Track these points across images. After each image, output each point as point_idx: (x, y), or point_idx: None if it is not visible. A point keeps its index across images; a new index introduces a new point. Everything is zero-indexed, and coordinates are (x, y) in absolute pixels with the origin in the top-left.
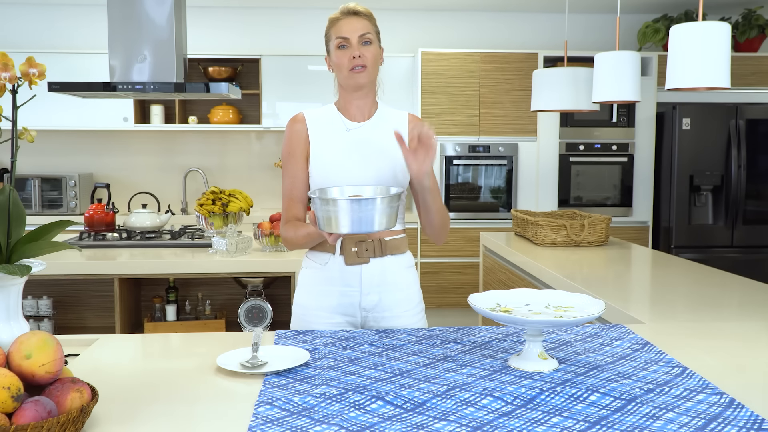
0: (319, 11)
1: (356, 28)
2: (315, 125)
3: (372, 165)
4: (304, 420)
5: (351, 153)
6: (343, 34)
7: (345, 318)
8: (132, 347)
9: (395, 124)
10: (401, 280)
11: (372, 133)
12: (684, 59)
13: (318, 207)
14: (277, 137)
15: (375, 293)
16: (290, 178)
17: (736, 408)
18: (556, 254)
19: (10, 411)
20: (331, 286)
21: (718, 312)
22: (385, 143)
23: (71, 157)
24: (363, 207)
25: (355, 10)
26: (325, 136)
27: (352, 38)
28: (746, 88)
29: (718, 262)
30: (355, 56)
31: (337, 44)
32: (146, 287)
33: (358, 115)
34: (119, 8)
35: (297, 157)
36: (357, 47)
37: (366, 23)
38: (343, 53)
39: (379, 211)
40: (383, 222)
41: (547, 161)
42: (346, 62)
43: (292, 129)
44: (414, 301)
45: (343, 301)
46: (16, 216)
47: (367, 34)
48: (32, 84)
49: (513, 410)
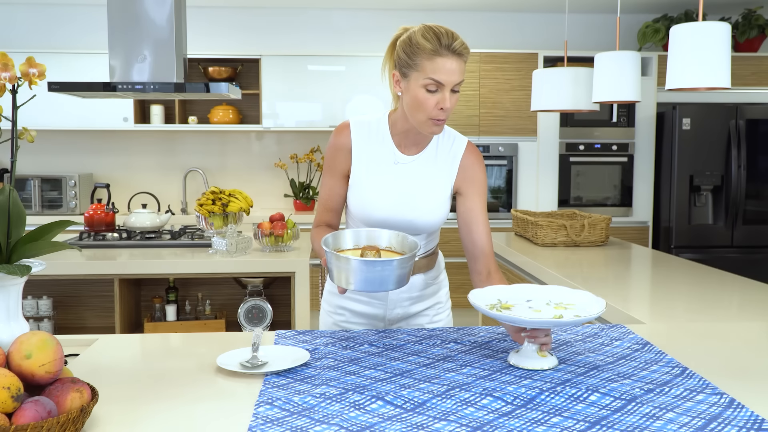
0: (319, 11)
1: (455, 72)
2: (361, 144)
3: (412, 203)
4: (304, 420)
5: (393, 191)
6: (439, 77)
7: (371, 321)
8: (132, 347)
9: (447, 156)
10: (428, 292)
11: (421, 169)
12: (684, 59)
13: (330, 260)
14: (276, 137)
15: (400, 308)
16: (328, 189)
17: (736, 408)
18: (556, 254)
19: (10, 411)
20: (358, 297)
21: (718, 312)
22: (431, 183)
23: (71, 157)
24: (375, 268)
25: (460, 51)
26: (369, 164)
27: (447, 85)
28: (746, 88)
29: (718, 262)
30: (445, 107)
31: (426, 84)
32: (146, 287)
33: (412, 146)
34: (119, 8)
35: (336, 172)
36: (449, 98)
37: (463, 68)
38: (430, 96)
39: (394, 272)
40: (395, 282)
41: (547, 161)
42: (431, 108)
43: (336, 141)
44: (441, 305)
45: (369, 310)
46: (16, 216)
47: (462, 82)
48: (32, 84)
49: (513, 410)
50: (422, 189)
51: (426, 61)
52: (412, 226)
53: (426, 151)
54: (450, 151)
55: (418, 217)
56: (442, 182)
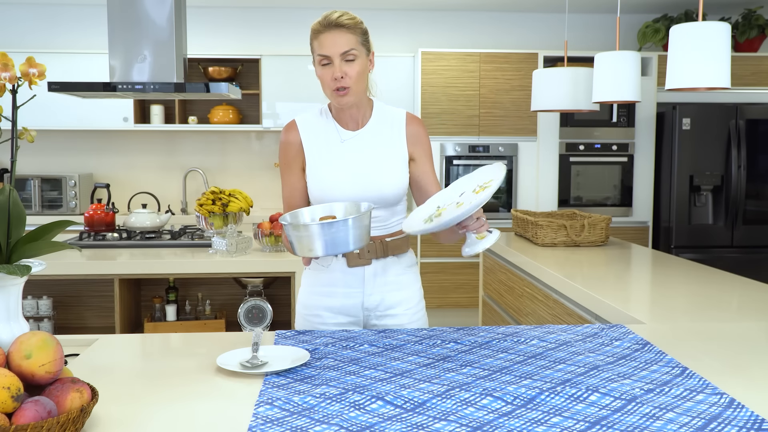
0: (319, 11)
1: (338, 44)
2: (309, 135)
3: (368, 176)
4: (304, 420)
5: (347, 165)
6: (324, 51)
7: (348, 318)
8: (132, 347)
9: (392, 126)
10: (403, 279)
11: (368, 141)
12: (684, 59)
13: (291, 233)
14: (276, 137)
15: (377, 293)
16: (288, 187)
17: (736, 408)
18: (556, 254)
19: (10, 411)
20: (334, 287)
21: (718, 312)
22: (382, 151)
23: (71, 157)
24: (334, 229)
25: (338, 23)
26: (320, 149)
27: (333, 56)
28: (746, 88)
29: (718, 262)
30: (336, 77)
31: (318, 60)
32: (146, 287)
33: (352, 121)
34: (119, 8)
35: (293, 167)
36: (339, 67)
37: (349, 37)
38: (325, 71)
39: (351, 231)
40: (357, 241)
41: (547, 161)
42: (329, 81)
43: (287, 139)
44: (415, 300)
45: (347, 302)
46: (16, 216)
47: (351, 50)
48: (32, 84)
49: (513, 410)
50: (374, 159)
51: (315, 42)
52: (374, 198)
53: (368, 125)
54: (392, 122)
55: (377, 188)
56: (392, 151)
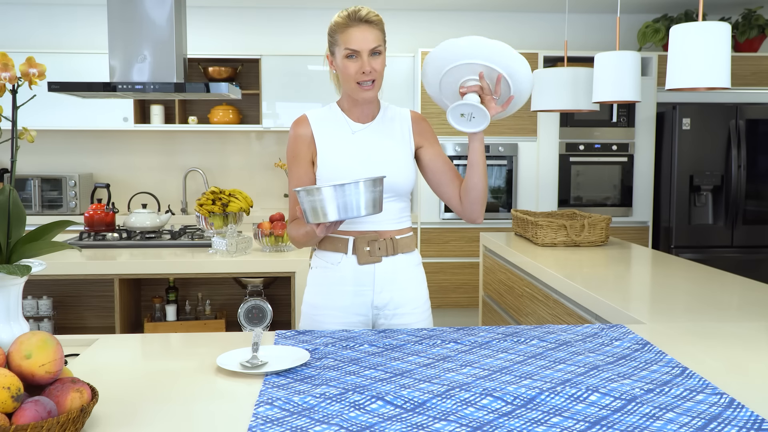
0: (319, 11)
1: (368, 39)
2: (320, 128)
3: (379, 165)
4: (304, 420)
5: (358, 155)
6: (353, 45)
7: (357, 317)
8: (132, 347)
9: (398, 121)
10: (411, 278)
11: (377, 133)
12: (684, 59)
13: (304, 199)
14: (276, 137)
15: (387, 291)
16: (296, 180)
17: (736, 408)
18: (556, 254)
19: (10, 411)
20: (344, 285)
21: (718, 312)
22: (391, 144)
23: (71, 157)
24: (346, 192)
25: (368, 19)
26: (332, 140)
27: (362, 51)
28: (746, 88)
29: (718, 262)
30: (365, 71)
31: (345, 54)
32: (146, 287)
33: (362, 116)
34: (119, 8)
35: (302, 160)
36: (368, 62)
37: (377, 33)
38: (351, 63)
39: (363, 195)
40: (369, 206)
41: (547, 161)
42: (354, 74)
43: (297, 132)
44: (422, 299)
45: (356, 300)
46: (16, 216)
47: (378, 46)
48: (32, 84)
49: (513, 410)
50: (384, 149)
51: (341, 35)
52: (384, 187)
53: (377, 119)
54: (398, 119)
55: (388, 177)
56: (400, 144)
